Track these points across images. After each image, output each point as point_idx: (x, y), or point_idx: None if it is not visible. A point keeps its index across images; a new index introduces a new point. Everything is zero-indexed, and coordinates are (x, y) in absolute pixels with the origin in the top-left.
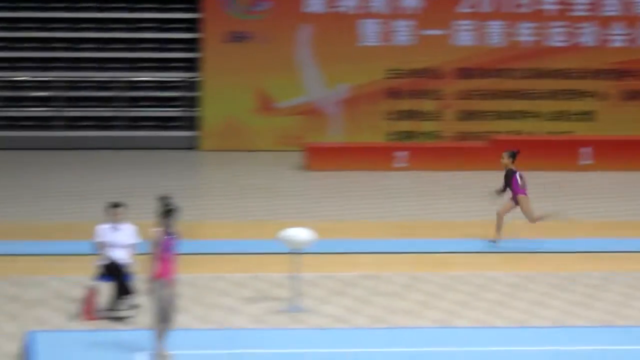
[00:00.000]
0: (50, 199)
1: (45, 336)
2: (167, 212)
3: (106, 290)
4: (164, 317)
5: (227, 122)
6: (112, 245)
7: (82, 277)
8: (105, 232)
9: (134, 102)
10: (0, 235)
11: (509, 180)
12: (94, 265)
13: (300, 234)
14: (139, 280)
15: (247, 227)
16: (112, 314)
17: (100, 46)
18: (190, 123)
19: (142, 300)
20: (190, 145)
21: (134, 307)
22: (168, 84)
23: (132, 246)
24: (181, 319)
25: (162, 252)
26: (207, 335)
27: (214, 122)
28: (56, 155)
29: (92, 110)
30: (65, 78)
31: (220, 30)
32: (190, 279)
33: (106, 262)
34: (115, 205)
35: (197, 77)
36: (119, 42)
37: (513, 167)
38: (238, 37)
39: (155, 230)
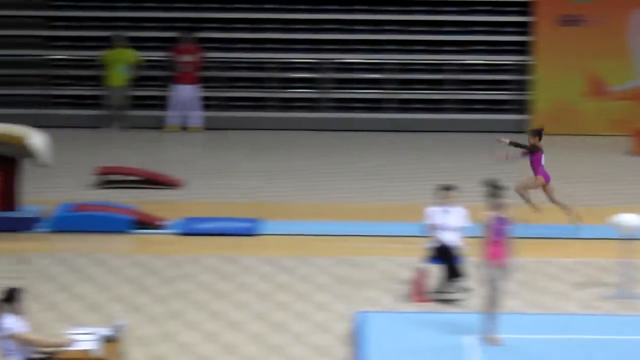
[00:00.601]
0: (380, 180)
1: (375, 316)
2: (497, 195)
3: (436, 272)
4: (494, 301)
5: (558, 105)
6: (443, 228)
7: (411, 259)
8: (436, 214)
9: (466, 84)
10: (331, 215)
11: (533, 157)
12: (424, 247)
13: (633, 219)
14: (469, 263)
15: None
16: (442, 297)
17: (432, 29)
18: (521, 106)
19: (472, 284)
20: (521, 129)
21: (464, 290)
22: (499, 67)
23: (462, 229)
24: (511, 303)
25: (494, 236)
26: (536, 320)
27: (545, 105)
28: (387, 137)
29: (423, 92)
30: (397, 60)
31: (553, 14)
32: (521, 263)
33: (436, 244)
34: (447, 188)
35: (529, 60)
36: (450, 25)
37: (540, 146)
38: (570, 21)
39: (487, 214)
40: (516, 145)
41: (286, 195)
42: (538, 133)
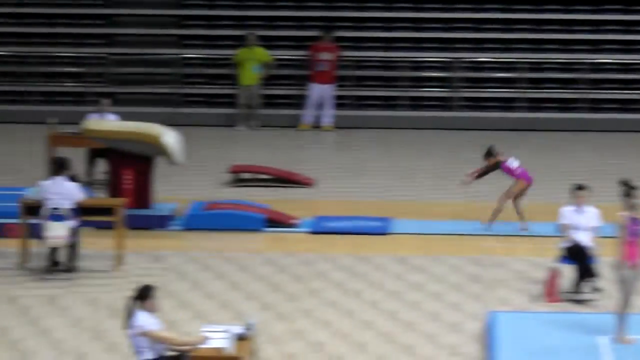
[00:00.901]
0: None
1: (507, 316)
2: (631, 195)
3: (569, 272)
4: (627, 301)
5: None
6: (576, 228)
7: (543, 259)
8: (569, 214)
9: (597, 83)
10: (462, 214)
11: (502, 170)
12: (557, 247)
13: None
14: (602, 264)
15: None
16: (575, 297)
17: (564, 28)
18: None
19: (605, 284)
20: None
21: (597, 290)
22: (631, 66)
23: (595, 229)
24: None
25: (628, 236)
26: None
27: None
28: (518, 136)
29: (554, 91)
30: (528, 59)
31: None
32: None
33: (570, 244)
34: (580, 188)
35: None
36: (582, 24)
37: (501, 159)
38: None
39: (622, 214)
40: (483, 174)
41: (417, 194)
42: (490, 153)
